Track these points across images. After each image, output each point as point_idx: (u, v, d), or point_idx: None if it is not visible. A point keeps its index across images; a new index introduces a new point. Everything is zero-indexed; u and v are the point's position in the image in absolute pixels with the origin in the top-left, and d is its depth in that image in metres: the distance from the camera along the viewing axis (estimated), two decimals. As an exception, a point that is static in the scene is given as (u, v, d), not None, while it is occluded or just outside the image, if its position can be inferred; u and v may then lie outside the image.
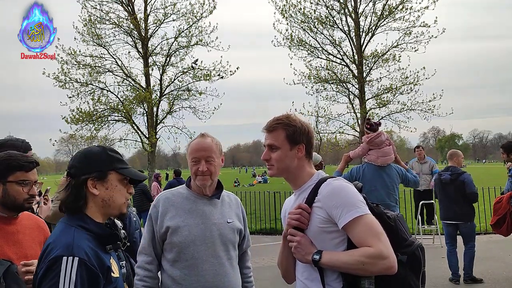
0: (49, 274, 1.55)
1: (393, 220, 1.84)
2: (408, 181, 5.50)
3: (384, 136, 5.50)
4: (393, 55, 19.53)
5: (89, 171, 1.72)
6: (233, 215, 2.52)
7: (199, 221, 2.40)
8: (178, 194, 2.50)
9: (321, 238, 1.79)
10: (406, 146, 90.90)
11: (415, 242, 1.84)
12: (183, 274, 2.34)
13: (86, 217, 1.72)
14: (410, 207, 11.57)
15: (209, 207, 2.46)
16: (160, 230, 2.40)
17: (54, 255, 1.57)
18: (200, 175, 2.41)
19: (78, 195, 1.71)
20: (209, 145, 2.45)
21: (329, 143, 20.94)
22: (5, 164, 2.09)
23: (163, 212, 2.42)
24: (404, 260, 1.76)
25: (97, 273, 1.60)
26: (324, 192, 1.80)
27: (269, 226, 12.07)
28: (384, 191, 5.25)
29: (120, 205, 1.80)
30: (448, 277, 6.79)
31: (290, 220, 1.84)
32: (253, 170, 66.10)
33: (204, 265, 2.35)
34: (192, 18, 20.21)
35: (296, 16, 19.75)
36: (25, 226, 2.18)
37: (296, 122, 1.91)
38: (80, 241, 1.62)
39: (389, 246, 1.68)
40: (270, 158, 1.92)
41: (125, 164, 1.82)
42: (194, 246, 2.35)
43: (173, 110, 21.10)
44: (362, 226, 1.70)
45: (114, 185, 1.76)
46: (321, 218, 1.78)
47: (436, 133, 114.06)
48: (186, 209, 2.43)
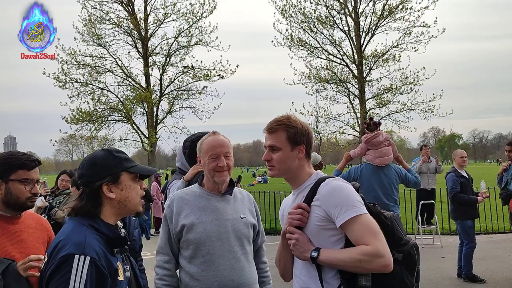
0: (60, 271, 1.55)
1: (389, 219, 1.88)
2: (408, 181, 5.49)
3: (382, 137, 5.50)
4: (393, 55, 19.56)
5: (102, 177, 1.72)
6: (246, 210, 2.57)
7: (213, 217, 2.45)
8: (191, 192, 2.55)
9: (319, 236, 1.83)
10: (406, 146, 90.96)
11: (410, 241, 1.89)
12: (200, 270, 2.39)
13: (98, 218, 1.73)
14: (410, 207, 11.57)
15: (222, 203, 2.51)
16: (175, 229, 2.45)
17: (66, 253, 1.57)
18: (219, 171, 2.46)
19: (95, 201, 1.72)
20: (225, 141, 2.53)
21: (329, 143, 20.97)
22: (7, 163, 2.10)
23: (177, 211, 2.47)
24: (400, 259, 1.80)
25: (106, 274, 1.60)
26: (323, 191, 1.83)
27: (269, 226, 12.08)
28: (382, 191, 5.25)
29: (136, 204, 1.81)
30: (448, 277, 6.81)
31: (292, 220, 1.86)
32: (256, 169, 66.01)
33: (220, 261, 2.39)
34: (192, 18, 20.23)
35: (296, 16, 19.78)
36: (29, 225, 2.19)
37: (297, 123, 1.95)
38: (91, 241, 1.62)
39: (385, 245, 1.72)
40: (271, 159, 1.95)
41: (133, 162, 1.83)
42: (210, 242, 2.40)
43: (173, 110, 21.11)
44: (360, 225, 1.74)
45: (128, 185, 1.77)
46: (319, 217, 1.82)
47: (436, 133, 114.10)
48: (200, 206, 2.48)
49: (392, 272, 1.73)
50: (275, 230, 11.69)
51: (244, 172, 62.77)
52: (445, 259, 7.64)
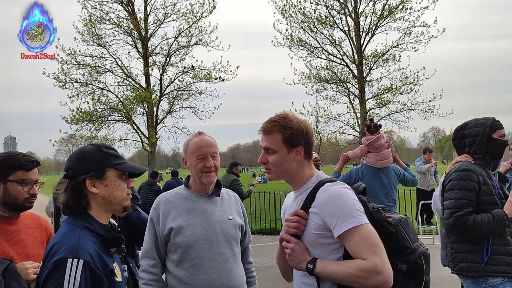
0: (53, 276, 1.54)
1: (394, 226, 1.76)
2: (406, 180, 5.58)
3: (383, 140, 5.51)
4: (393, 55, 19.54)
5: (86, 171, 1.70)
6: (233, 211, 2.54)
7: (201, 220, 2.41)
8: (177, 195, 2.50)
9: (317, 245, 1.75)
10: (406, 146, 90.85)
11: (418, 249, 1.75)
12: (189, 273, 2.35)
13: (91, 218, 1.71)
14: (410, 207, 11.57)
15: (210, 205, 2.47)
16: (162, 232, 2.40)
17: (59, 257, 1.56)
18: (207, 172, 2.42)
19: (78, 196, 1.70)
20: (211, 141, 2.49)
21: (329, 143, 20.95)
22: (6, 164, 2.10)
23: (164, 214, 2.42)
24: (404, 270, 1.70)
25: (101, 275, 1.59)
26: (321, 198, 1.74)
27: (269, 226, 12.08)
28: (383, 193, 5.30)
29: (121, 200, 1.78)
30: (448, 277, 6.80)
31: (288, 228, 1.79)
32: (259, 169, 65.92)
33: (209, 263, 2.36)
34: (192, 18, 20.22)
35: (296, 16, 19.77)
36: (27, 225, 2.19)
37: (294, 123, 1.83)
38: (85, 243, 1.61)
39: (385, 260, 1.62)
40: (267, 162, 1.86)
41: (121, 159, 1.80)
42: (199, 245, 2.37)
43: (173, 110, 21.10)
44: (357, 237, 1.64)
45: (113, 182, 1.74)
46: (316, 225, 1.74)
47: (436, 133, 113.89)
48: (187, 209, 2.43)
49: (394, 284, 1.63)
50: (275, 230, 11.67)
51: (244, 172, 62.76)
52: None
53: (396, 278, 1.65)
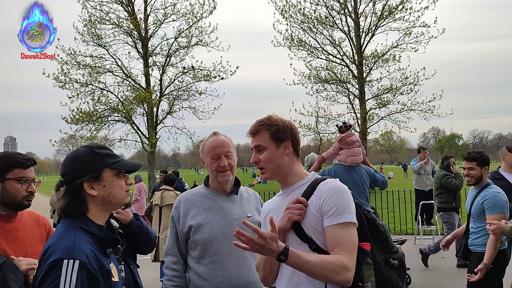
0: (49, 277, 1.53)
1: (383, 227, 1.92)
2: (376, 181, 5.83)
3: (355, 137, 5.92)
4: (393, 55, 19.61)
5: (83, 174, 1.70)
6: (252, 209, 2.59)
7: (219, 217, 2.48)
8: (197, 193, 2.58)
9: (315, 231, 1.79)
10: (406, 147, 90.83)
11: (399, 249, 1.95)
12: (209, 269, 2.43)
13: (88, 219, 1.71)
14: (410, 208, 11.56)
15: (228, 203, 2.53)
16: (183, 230, 2.50)
17: (55, 258, 1.55)
18: (222, 171, 2.47)
19: (78, 200, 1.70)
20: (225, 141, 2.53)
21: (329, 143, 20.97)
22: (3, 162, 2.10)
23: (184, 213, 2.51)
24: (396, 266, 1.83)
25: (97, 276, 1.59)
26: (323, 188, 1.81)
27: (269, 226, 12.06)
28: (356, 190, 5.43)
29: (120, 199, 1.78)
30: (448, 277, 6.81)
31: (292, 215, 1.80)
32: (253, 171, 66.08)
33: (228, 260, 2.43)
34: (192, 18, 20.28)
35: (296, 16, 19.83)
36: (25, 223, 2.19)
37: (278, 121, 1.93)
38: (81, 244, 1.60)
39: (355, 261, 1.74)
40: (259, 160, 1.93)
41: (116, 157, 1.80)
42: (217, 242, 2.43)
43: (173, 111, 21.16)
44: (345, 232, 1.74)
45: (111, 181, 1.74)
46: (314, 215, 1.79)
47: (436, 133, 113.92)
48: (206, 207, 2.51)
49: (391, 279, 1.78)
50: (275, 230, 11.65)
51: (243, 173, 62.77)
52: (445, 259, 7.63)
53: (391, 274, 1.80)
